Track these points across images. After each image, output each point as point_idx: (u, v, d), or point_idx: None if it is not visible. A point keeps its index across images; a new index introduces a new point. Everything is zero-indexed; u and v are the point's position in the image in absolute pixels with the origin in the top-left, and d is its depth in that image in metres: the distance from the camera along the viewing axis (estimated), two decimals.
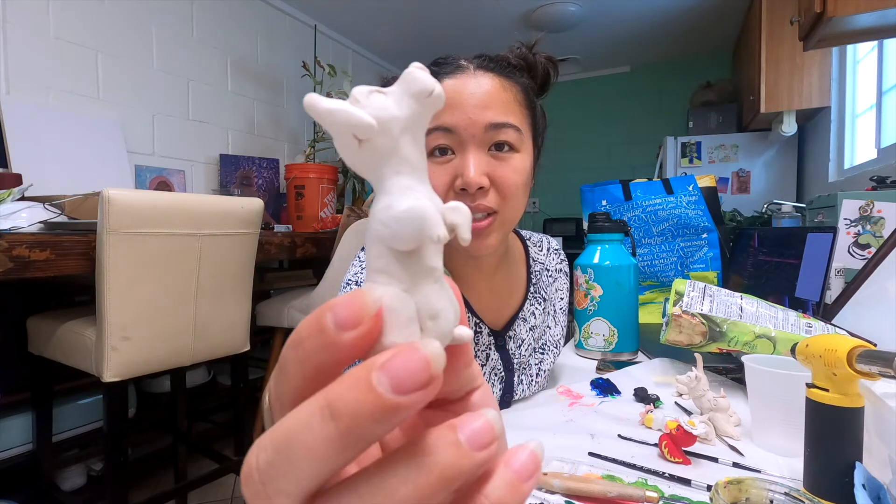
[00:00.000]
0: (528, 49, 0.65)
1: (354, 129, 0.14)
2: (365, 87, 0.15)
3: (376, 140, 0.15)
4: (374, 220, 0.15)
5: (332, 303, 0.13)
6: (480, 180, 0.56)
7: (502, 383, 0.71)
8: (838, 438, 0.41)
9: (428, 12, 2.96)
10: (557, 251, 0.83)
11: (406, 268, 0.15)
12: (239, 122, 2.57)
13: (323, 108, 0.14)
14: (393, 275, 0.15)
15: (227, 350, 1.36)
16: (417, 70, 0.16)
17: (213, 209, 1.23)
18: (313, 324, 0.13)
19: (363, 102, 0.15)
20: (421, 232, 0.14)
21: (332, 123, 0.14)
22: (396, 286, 0.15)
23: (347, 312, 0.13)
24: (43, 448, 1.41)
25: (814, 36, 1.44)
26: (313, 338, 0.13)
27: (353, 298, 0.13)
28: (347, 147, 0.15)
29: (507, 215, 0.60)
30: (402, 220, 0.14)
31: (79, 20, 1.86)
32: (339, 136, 0.15)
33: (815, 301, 0.82)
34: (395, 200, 0.15)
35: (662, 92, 3.82)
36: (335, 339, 0.13)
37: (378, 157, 0.15)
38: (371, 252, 0.15)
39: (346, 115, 0.14)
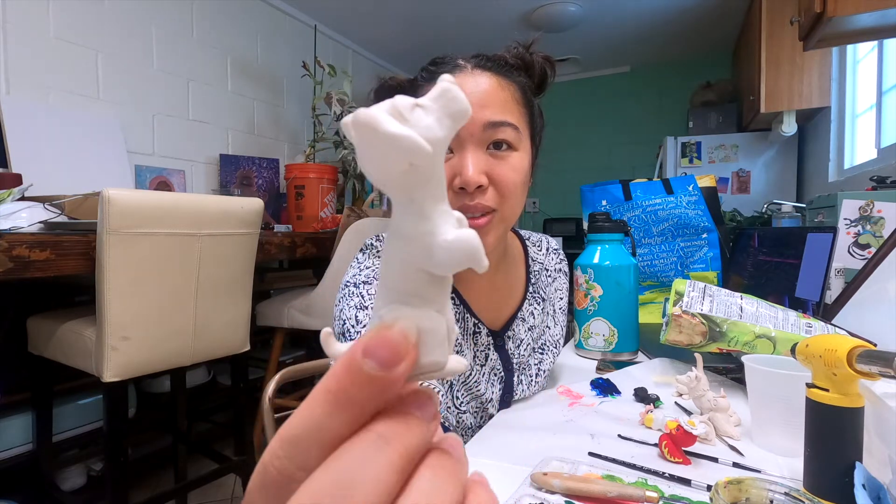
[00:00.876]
0: (525, 49, 0.65)
1: (414, 156, 0.14)
2: (406, 99, 0.15)
3: (423, 164, 0.14)
4: (413, 244, 0.15)
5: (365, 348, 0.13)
6: (479, 179, 0.56)
7: (501, 383, 0.71)
8: (838, 438, 0.41)
9: (428, 12, 2.96)
10: (557, 251, 0.83)
11: (438, 291, 0.15)
12: (239, 122, 2.57)
13: (389, 133, 0.13)
14: (427, 298, 0.15)
15: (227, 350, 1.36)
16: (455, 88, 0.15)
17: (213, 209, 1.23)
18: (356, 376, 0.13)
19: (409, 119, 0.14)
20: (471, 262, 0.15)
21: (391, 147, 0.14)
22: (430, 309, 0.15)
23: (389, 349, 0.13)
24: (43, 448, 1.41)
25: (814, 36, 1.44)
26: (363, 389, 0.13)
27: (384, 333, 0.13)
28: (392, 170, 0.14)
29: (506, 213, 0.61)
30: (451, 249, 0.14)
31: (79, 20, 1.86)
32: (388, 159, 0.14)
33: (815, 301, 0.82)
34: (439, 227, 0.15)
35: (662, 92, 3.82)
36: (386, 380, 0.13)
37: (421, 180, 0.15)
38: (401, 273, 0.15)
39: (412, 141, 0.14)
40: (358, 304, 0.60)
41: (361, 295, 0.60)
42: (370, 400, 0.13)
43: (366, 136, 0.14)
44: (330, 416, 0.13)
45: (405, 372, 0.13)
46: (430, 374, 0.15)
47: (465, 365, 0.16)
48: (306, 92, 2.75)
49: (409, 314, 0.14)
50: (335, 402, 0.13)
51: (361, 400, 0.13)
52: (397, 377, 0.13)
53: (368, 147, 0.14)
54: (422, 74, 0.64)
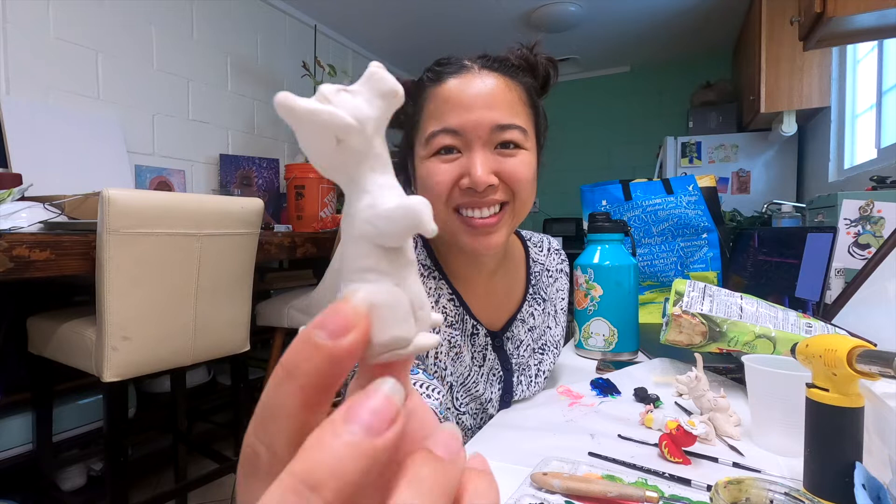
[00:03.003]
0: (528, 50, 0.65)
1: (337, 129, 0.14)
2: (332, 85, 0.15)
3: (353, 140, 0.15)
4: (357, 219, 0.15)
5: (317, 321, 0.13)
6: (488, 179, 0.57)
7: (501, 384, 0.71)
8: (838, 438, 0.41)
9: (428, 12, 2.96)
10: (558, 251, 0.83)
11: (393, 263, 0.15)
12: (239, 122, 2.57)
13: (303, 109, 0.14)
14: (383, 271, 0.15)
15: (227, 350, 1.36)
16: (382, 70, 0.16)
17: (213, 209, 1.23)
18: (305, 347, 0.13)
19: (334, 101, 0.15)
20: (416, 227, 0.15)
21: (312, 124, 0.14)
22: (388, 282, 0.15)
23: (338, 320, 0.13)
24: (43, 448, 1.41)
25: (814, 36, 1.44)
26: (311, 359, 0.13)
27: (337, 306, 0.13)
28: (323, 148, 0.15)
29: (517, 207, 0.61)
30: (392, 217, 0.15)
31: (79, 20, 1.86)
32: (315, 137, 0.14)
33: (815, 301, 0.82)
34: (379, 199, 0.15)
35: (662, 92, 3.82)
36: (333, 351, 0.13)
37: (354, 157, 0.15)
38: (354, 251, 0.15)
39: (330, 115, 0.14)
40: None
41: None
42: (321, 371, 0.13)
43: (287, 117, 0.14)
44: (283, 389, 0.13)
45: (355, 342, 0.13)
46: (395, 350, 0.15)
47: (435, 340, 0.16)
48: (306, 92, 2.68)
49: (364, 288, 0.14)
50: (286, 375, 0.13)
51: (312, 370, 0.13)
52: (346, 347, 0.13)
53: (298, 130, 0.14)
54: (427, 75, 0.63)
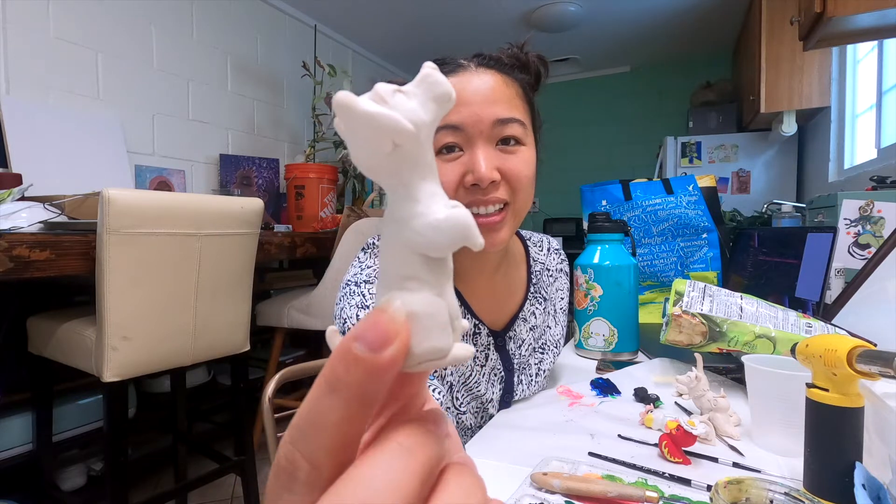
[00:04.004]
0: (518, 48, 0.66)
1: (396, 134, 0.14)
2: (387, 85, 0.15)
3: (408, 145, 0.14)
4: (405, 227, 0.15)
5: (356, 332, 0.13)
6: (492, 174, 0.57)
7: (502, 383, 0.71)
8: (838, 438, 0.41)
9: (428, 12, 2.96)
10: (558, 251, 0.83)
11: (435, 273, 0.15)
12: (239, 122, 2.57)
13: (363, 111, 0.13)
14: (424, 280, 0.15)
15: (227, 350, 1.36)
16: (437, 72, 0.15)
17: (213, 209, 1.23)
18: (345, 359, 0.13)
19: (391, 103, 0.14)
20: (464, 240, 0.14)
21: (371, 127, 0.14)
22: (429, 291, 0.15)
23: (378, 331, 0.13)
24: (43, 448, 1.41)
25: (814, 36, 1.44)
26: (352, 372, 0.13)
27: (376, 316, 0.13)
28: (377, 152, 0.14)
29: (518, 207, 0.61)
30: (441, 228, 0.14)
31: (79, 20, 1.86)
32: (370, 140, 0.14)
33: (815, 301, 0.82)
34: (429, 208, 0.15)
35: (662, 92, 3.82)
36: (374, 363, 0.13)
37: (407, 163, 0.15)
38: (397, 258, 0.15)
39: (390, 119, 0.14)
40: (359, 303, 0.60)
41: (363, 294, 0.60)
42: (363, 384, 0.13)
43: (345, 118, 0.14)
44: (325, 402, 0.13)
45: (397, 354, 0.13)
46: (433, 360, 0.15)
47: (471, 352, 0.16)
48: (306, 92, 2.75)
49: (405, 297, 0.14)
50: (329, 388, 0.13)
51: (354, 384, 0.13)
52: (388, 359, 0.13)
53: (351, 131, 0.14)
54: None
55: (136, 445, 1.85)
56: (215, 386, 2.14)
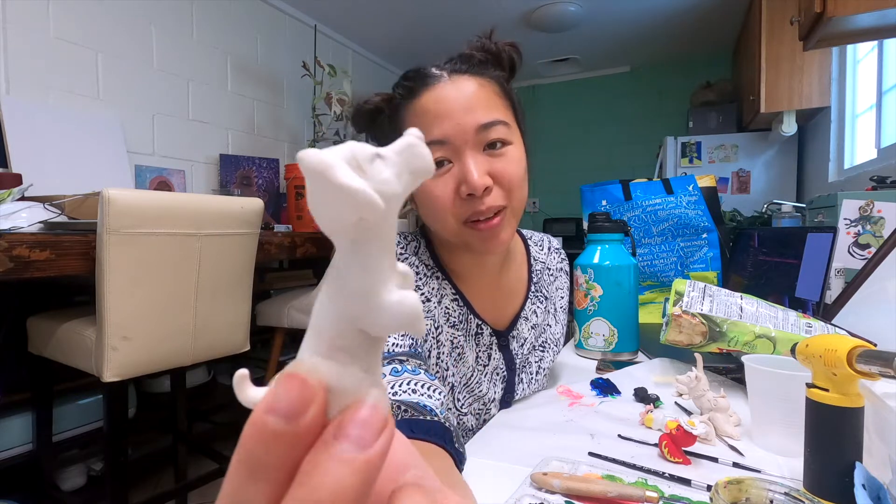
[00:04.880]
0: (487, 39, 0.65)
1: (366, 210, 0.13)
2: (367, 148, 0.14)
3: (374, 219, 0.14)
4: (352, 299, 0.14)
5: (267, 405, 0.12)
6: (485, 181, 0.57)
7: (504, 383, 0.71)
8: (838, 438, 0.41)
9: (428, 12, 2.96)
10: (558, 250, 0.83)
11: (369, 350, 0.14)
12: (239, 122, 2.57)
13: (342, 184, 0.13)
14: (355, 355, 0.14)
15: (227, 350, 1.36)
16: (420, 143, 0.15)
17: (213, 209, 1.23)
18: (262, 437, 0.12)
19: (366, 170, 0.14)
20: (409, 327, 0.14)
21: (341, 200, 0.13)
22: (357, 367, 0.14)
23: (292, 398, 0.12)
24: (43, 448, 1.41)
25: (814, 36, 1.44)
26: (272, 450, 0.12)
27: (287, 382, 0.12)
28: (340, 222, 0.14)
29: (515, 207, 0.61)
30: (394, 313, 0.14)
31: (79, 20, 1.86)
32: (337, 208, 0.13)
33: (815, 301, 0.82)
34: (382, 285, 0.14)
35: (662, 92, 3.82)
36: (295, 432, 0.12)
37: (369, 235, 0.14)
38: (333, 326, 0.14)
39: (364, 195, 0.13)
40: None
41: None
42: (283, 459, 0.12)
43: (316, 183, 0.13)
44: (246, 489, 0.12)
45: (314, 419, 0.12)
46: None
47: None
48: (306, 92, 2.75)
49: (331, 368, 0.14)
50: (248, 472, 0.12)
51: (273, 462, 0.12)
52: (305, 427, 0.12)
53: (318, 194, 0.13)
54: (398, 92, 0.63)
55: (136, 445, 1.85)
56: (215, 386, 2.14)
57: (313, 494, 0.11)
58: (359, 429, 0.12)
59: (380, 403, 0.13)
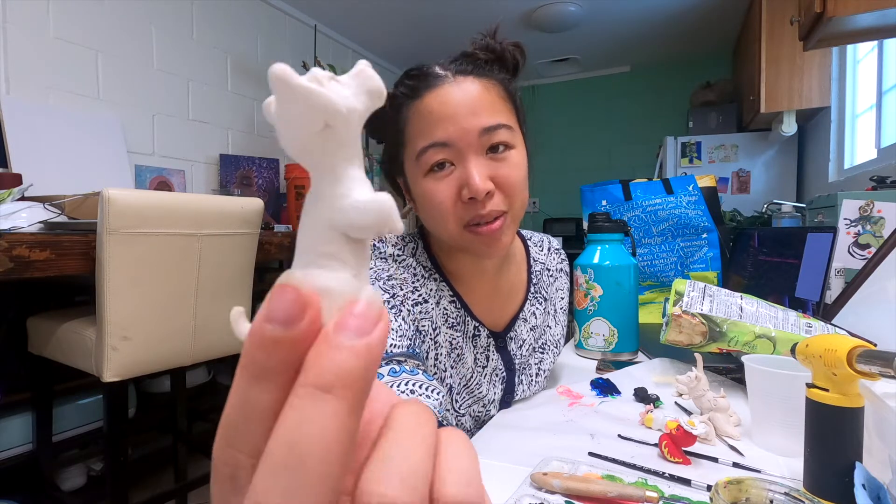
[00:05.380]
0: (490, 37, 0.65)
1: (329, 114, 0.14)
2: (322, 70, 0.15)
3: (339, 127, 0.15)
4: (329, 206, 0.15)
5: (265, 314, 0.13)
6: (486, 185, 0.57)
7: (503, 384, 0.71)
8: (838, 438, 0.41)
9: (428, 12, 2.96)
10: (558, 251, 0.83)
11: (354, 255, 0.15)
12: (239, 122, 2.57)
13: (300, 85, 0.14)
14: (343, 261, 0.15)
15: (227, 350, 1.36)
16: (370, 69, 0.16)
17: (213, 209, 1.22)
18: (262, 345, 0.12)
19: (325, 86, 0.15)
20: (385, 224, 0.15)
21: (305, 103, 0.14)
22: (347, 272, 0.15)
23: (287, 306, 0.13)
24: (43, 448, 1.41)
25: (814, 36, 1.44)
26: (273, 355, 0.12)
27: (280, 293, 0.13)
28: (308, 129, 0.15)
29: (516, 211, 0.61)
30: (366, 210, 0.15)
31: (79, 20, 1.86)
32: (303, 117, 0.14)
33: (815, 301, 0.82)
34: (354, 190, 0.15)
35: (662, 92, 3.82)
36: (293, 339, 0.12)
37: (334, 145, 0.15)
38: (317, 236, 0.15)
39: (326, 97, 0.14)
40: None
41: None
42: (284, 363, 0.12)
43: (281, 91, 0.14)
44: (255, 393, 0.12)
45: (311, 324, 0.13)
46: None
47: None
48: None
49: (322, 274, 0.14)
50: (252, 376, 0.13)
51: (275, 366, 0.12)
52: (303, 331, 0.12)
53: (285, 106, 0.14)
54: (401, 90, 0.62)
55: (136, 445, 1.85)
56: (215, 386, 2.14)
57: (320, 378, 0.12)
58: (357, 319, 0.13)
59: (374, 299, 0.14)
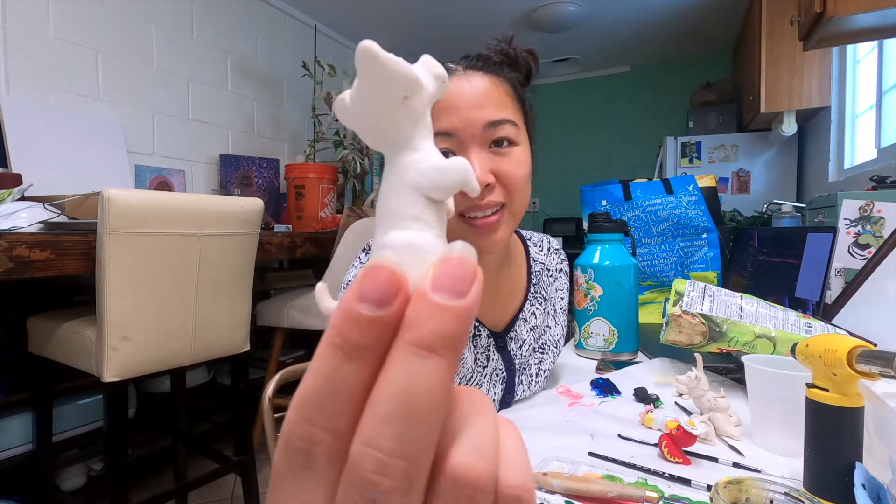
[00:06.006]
0: (506, 44, 0.65)
1: (410, 84, 0.15)
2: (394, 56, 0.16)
3: (415, 100, 0.16)
4: (409, 170, 0.16)
5: (359, 293, 0.13)
6: (487, 178, 0.57)
7: (503, 384, 0.71)
8: (838, 438, 0.41)
9: (428, 12, 2.96)
10: (558, 251, 0.83)
11: (436, 216, 0.16)
12: (239, 122, 2.57)
13: (386, 56, 0.14)
14: (427, 222, 0.16)
15: (227, 350, 1.36)
16: (433, 59, 0.17)
17: (213, 209, 1.22)
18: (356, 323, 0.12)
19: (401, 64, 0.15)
20: (465, 183, 0.16)
21: (389, 74, 0.15)
22: (430, 232, 0.15)
23: (381, 288, 0.13)
24: (43, 448, 1.41)
25: (814, 36, 1.44)
26: (367, 334, 0.12)
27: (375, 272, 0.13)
28: (390, 100, 0.15)
29: (515, 208, 0.61)
30: (446, 170, 0.16)
31: (79, 20, 1.86)
32: (385, 89, 0.15)
33: (815, 301, 0.82)
34: (430, 156, 0.16)
35: (662, 92, 3.82)
36: (385, 321, 0.12)
37: (412, 117, 0.16)
38: (401, 200, 0.16)
39: (408, 68, 0.15)
40: None
41: None
42: (378, 340, 0.13)
43: (367, 64, 0.14)
44: (343, 368, 0.12)
45: (400, 306, 0.13)
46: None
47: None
48: (306, 92, 2.75)
49: (407, 234, 0.15)
50: (344, 353, 0.12)
51: (369, 344, 0.12)
52: (396, 312, 0.13)
53: (369, 78, 0.15)
54: None
55: (136, 445, 1.85)
56: (215, 386, 2.14)
57: (425, 337, 0.12)
58: (454, 280, 0.13)
59: (468, 256, 0.14)
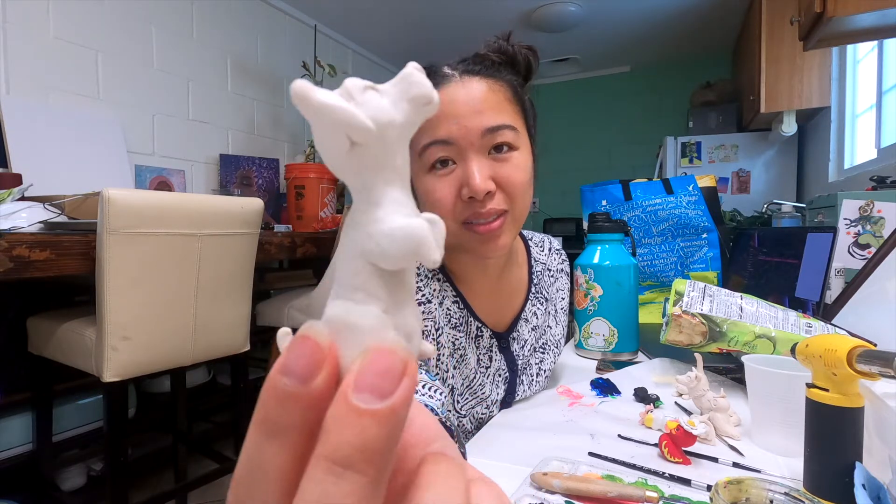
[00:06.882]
0: (504, 41, 0.65)
1: (350, 130, 0.13)
2: (358, 80, 0.14)
3: (371, 145, 0.13)
4: (359, 232, 0.14)
5: (281, 365, 0.12)
6: (487, 185, 0.56)
7: (506, 384, 0.71)
8: (838, 438, 0.41)
9: (428, 12, 2.96)
10: (559, 251, 0.83)
11: (387, 287, 0.14)
12: (239, 122, 2.57)
13: (317, 101, 0.12)
14: (372, 293, 0.13)
15: (227, 350, 1.36)
16: (417, 72, 0.14)
17: (213, 209, 1.22)
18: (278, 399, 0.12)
19: (357, 99, 0.13)
20: (416, 255, 0.13)
21: (324, 120, 0.13)
22: (375, 305, 0.13)
23: (303, 360, 0.12)
24: (43, 448, 1.41)
25: (814, 36, 1.44)
26: (289, 411, 0.12)
27: (300, 344, 0.12)
28: (335, 148, 0.13)
29: (517, 213, 0.61)
30: (395, 238, 0.13)
31: (79, 20, 1.85)
32: (328, 135, 0.13)
33: (815, 301, 0.82)
34: (387, 215, 0.14)
35: (662, 92, 3.82)
36: (309, 395, 0.12)
37: (369, 164, 0.14)
38: (348, 266, 0.14)
39: (344, 112, 0.13)
40: None
41: None
42: (300, 419, 0.12)
43: (301, 107, 0.13)
44: (268, 450, 0.12)
45: (326, 382, 0.12)
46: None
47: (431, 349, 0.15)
48: None
49: (349, 308, 0.13)
50: (266, 432, 0.12)
51: (290, 422, 0.12)
52: (317, 389, 0.12)
53: (311, 122, 0.13)
54: None
55: (136, 445, 1.85)
56: (215, 386, 2.14)
57: (339, 451, 0.11)
58: (377, 377, 0.12)
59: (397, 348, 0.12)
